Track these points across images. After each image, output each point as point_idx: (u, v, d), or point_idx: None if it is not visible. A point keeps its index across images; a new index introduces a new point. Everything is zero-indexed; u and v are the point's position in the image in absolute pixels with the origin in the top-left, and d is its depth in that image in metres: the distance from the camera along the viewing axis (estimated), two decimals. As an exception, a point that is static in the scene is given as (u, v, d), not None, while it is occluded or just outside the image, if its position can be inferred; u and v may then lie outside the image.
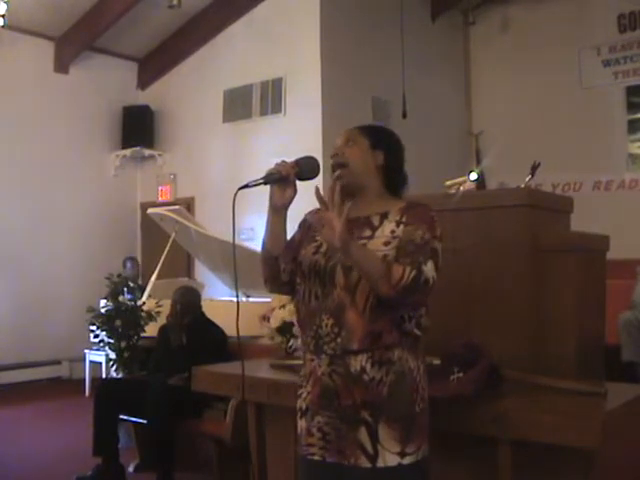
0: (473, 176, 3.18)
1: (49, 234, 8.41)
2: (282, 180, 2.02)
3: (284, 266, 2.07)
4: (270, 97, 8.25)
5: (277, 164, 2.04)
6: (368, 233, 1.98)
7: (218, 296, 7.31)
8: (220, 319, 4.67)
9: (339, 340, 1.93)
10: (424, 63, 8.84)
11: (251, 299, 6.35)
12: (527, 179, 3.03)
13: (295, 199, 2.05)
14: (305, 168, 2.06)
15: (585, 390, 2.35)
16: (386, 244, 1.94)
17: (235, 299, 6.64)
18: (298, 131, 7.75)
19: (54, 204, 8.51)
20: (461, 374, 2.31)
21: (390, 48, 8.02)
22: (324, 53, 7.84)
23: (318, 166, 2.09)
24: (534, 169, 3.07)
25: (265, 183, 2.03)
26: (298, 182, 2.06)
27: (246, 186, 2.02)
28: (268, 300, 4.79)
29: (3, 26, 6.97)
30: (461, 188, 3.10)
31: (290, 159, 2.10)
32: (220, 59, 8.73)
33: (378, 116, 8.02)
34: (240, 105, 8.52)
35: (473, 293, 2.75)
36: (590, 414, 2.14)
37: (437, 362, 2.44)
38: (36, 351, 8.00)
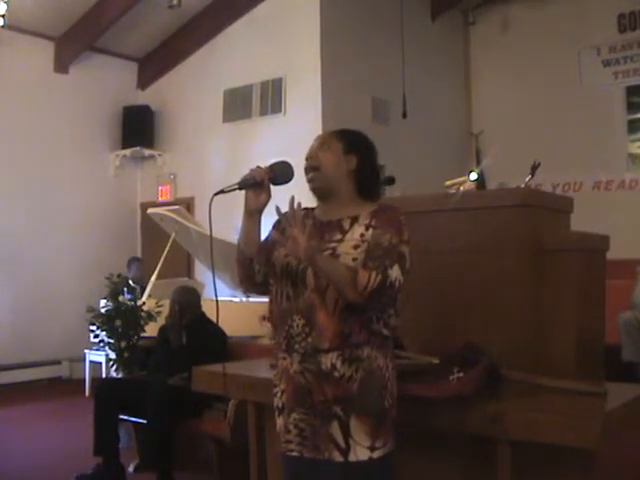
0: (473, 176, 3.18)
1: (49, 234, 8.41)
2: (256, 185, 2.09)
3: (258, 267, 2.13)
4: (270, 97, 8.25)
5: (252, 170, 2.11)
6: (338, 236, 2.03)
7: (218, 296, 7.30)
8: (220, 319, 4.66)
9: (310, 340, 1.99)
10: (424, 63, 8.84)
11: (251, 299, 6.35)
12: (527, 179, 3.03)
13: (271, 201, 2.09)
14: (279, 173, 2.12)
15: (585, 390, 2.35)
16: (355, 247, 1.99)
17: (235, 299, 6.61)
18: (298, 131, 7.74)
19: (54, 204, 8.51)
20: (461, 374, 2.31)
21: (390, 48, 8.02)
22: (324, 53, 7.84)
23: (292, 171, 2.13)
24: (534, 169, 3.07)
25: (240, 188, 2.09)
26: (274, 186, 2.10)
27: (221, 192, 2.07)
28: (268, 300, 4.79)
29: (3, 26, 6.97)
30: (461, 188, 3.10)
31: (290, 159, 2.13)
32: (220, 59, 8.73)
33: (378, 116, 8.02)
34: (240, 105, 8.52)
35: (473, 293, 2.75)
36: (590, 414, 2.14)
37: (437, 362, 2.44)
38: (36, 351, 7.99)
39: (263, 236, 2.15)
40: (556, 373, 2.51)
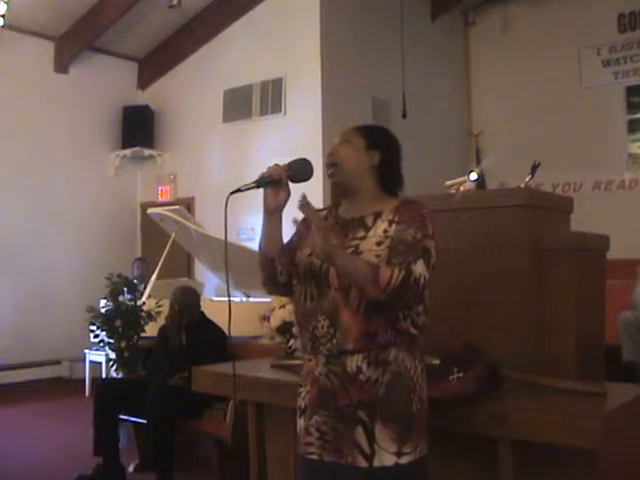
0: (473, 176, 3.18)
1: (49, 234, 8.41)
2: (275, 183, 2.04)
3: (281, 268, 2.09)
4: (270, 97, 8.25)
5: (269, 167, 2.06)
6: (362, 234, 2.00)
7: (218, 296, 7.30)
8: (220, 319, 4.67)
9: (335, 341, 1.94)
10: (424, 63, 8.84)
11: (251, 299, 6.35)
12: (527, 179, 3.03)
13: (291, 201, 2.06)
14: (298, 170, 2.08)
15: (585, 390, 2.35)
16: (379, 244, 1.95)
17: (235, 299, 6.62)
18: (298, 131, 7.75)
19: (54, 204, 8.51)
20: (461, 374, 2.30)
21: (390, 48, 8.02)
22: (324, 53, 7.84)
23: (311, 168, 2.10)
24: (534, 169, 3.07)
25: (258, 187, 2.04)
26: (293, 184, 2.07)
27: (238, 190, 2.02)
28: (268, 300, 4.79)
29: (3, 26, 6.98)
30: (461, 188, 3.10)
31: (290, 159, 2.11)
32: (220, 59, 8.73)
33: (378, 116, 8.02)
34: (240, 105, 8.51)
35: (473, 293, 2.75)
36: (590, 414, 2.14)
37: (437, 362, 2.44)
38: (36, 351, 7.99)
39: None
40: (556, 373, 2.51)
